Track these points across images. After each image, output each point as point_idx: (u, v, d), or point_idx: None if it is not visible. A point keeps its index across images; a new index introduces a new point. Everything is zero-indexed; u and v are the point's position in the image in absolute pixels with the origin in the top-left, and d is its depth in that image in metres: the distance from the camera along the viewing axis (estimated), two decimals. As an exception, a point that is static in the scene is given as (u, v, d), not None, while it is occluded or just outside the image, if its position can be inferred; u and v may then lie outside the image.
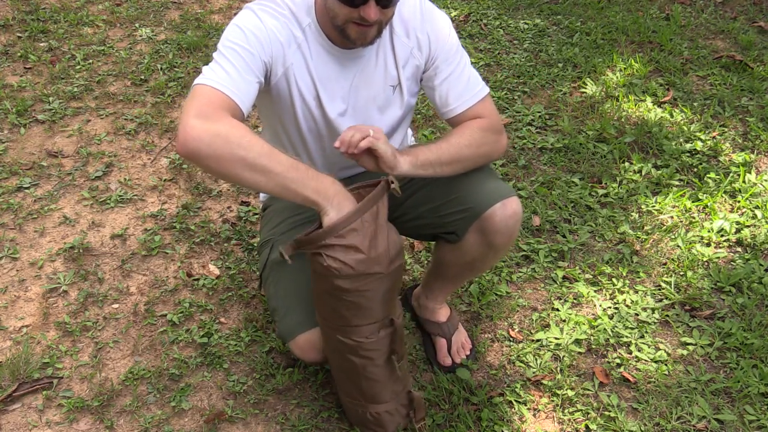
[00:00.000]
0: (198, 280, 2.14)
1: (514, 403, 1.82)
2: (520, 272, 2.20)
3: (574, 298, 2.12)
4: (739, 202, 2.46)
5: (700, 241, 2.31)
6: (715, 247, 2.30)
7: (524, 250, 2.27)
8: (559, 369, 1.91)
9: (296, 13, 1.50)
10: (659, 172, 2.59)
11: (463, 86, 1.60)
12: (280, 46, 1.47)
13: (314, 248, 1.36)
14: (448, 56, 1.59)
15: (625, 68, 3.19)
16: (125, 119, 2.80)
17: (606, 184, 2.55)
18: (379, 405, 1.62)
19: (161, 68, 3.10)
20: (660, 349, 1.97)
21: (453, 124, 1.63)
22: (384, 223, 1.40)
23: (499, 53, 3.34)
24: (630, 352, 1.96)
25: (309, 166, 1.35)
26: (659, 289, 2.15)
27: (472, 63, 1.72)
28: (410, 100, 1.67)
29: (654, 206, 2.44)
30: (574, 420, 1.78)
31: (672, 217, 2.40)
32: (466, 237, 1.61)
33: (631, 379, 1.88)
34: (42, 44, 3.24)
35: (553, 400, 1.83)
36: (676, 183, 2.55)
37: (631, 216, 2.41)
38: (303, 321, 1.59)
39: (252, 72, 1.42)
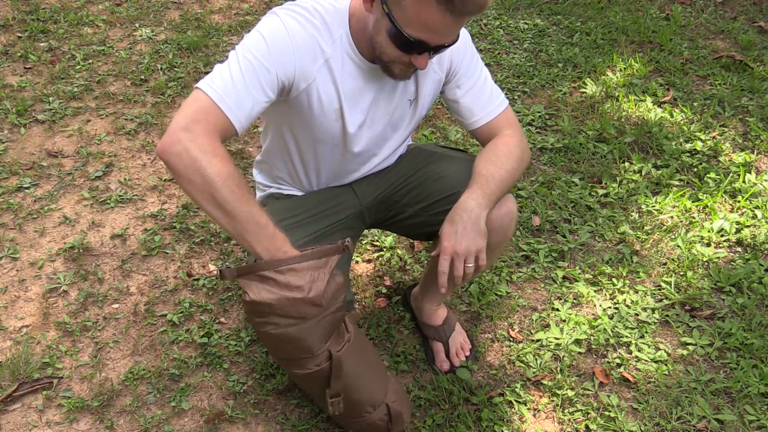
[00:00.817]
0: (198, 280, 2.14)
1: (514, 403, 1.82)
2: (520, 272, 2.20)
3: (574, 298, 2.12)
4: (739, 202, 2.46)
5: (700, 241, 2.31)
6: (715, 247, 2.30)
7: (524, 250, 2.27)
8: (559, 369, 1.91)
9: (329, 24, 1.44)
10: (659, 172, 2.59)
11: (487, 97, 1.61)
12: (304, 63, 1.41)
13: (251, 277, 1.33)
14: (469, 69, 1.59)
15: (625, 68, 3.19)
16: (125, 119, 2.80)
17: (606, 184, 2.55)
18: (357, 419, 1.61)
19: (161, 68, 3.10)
20: (660, 349, 1.97)
21: (478, 134, 1.64)
22: (328, 271, 1.37)
23: (499, 53, 3.34)
24: (630, 352, 1.96)
25: (270, 222, 1.33)
26: (659, 289, 2.15)
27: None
28: (423, 113, 1.66)
29: (654, 206, 2.44)
30: (574, 420, 1.78)
31: (672, 217, 2.40)
32: None
33: (631, 379, 1.88)
34: (42, 44, 3.24)
35: (553, 400, 1.83)
36: (676, 183, 2.55)
37: (631, 216, 2.41)
38: None
39: (262, 90, 1.36)
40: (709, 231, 2.34)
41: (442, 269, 1.45)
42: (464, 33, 1.59)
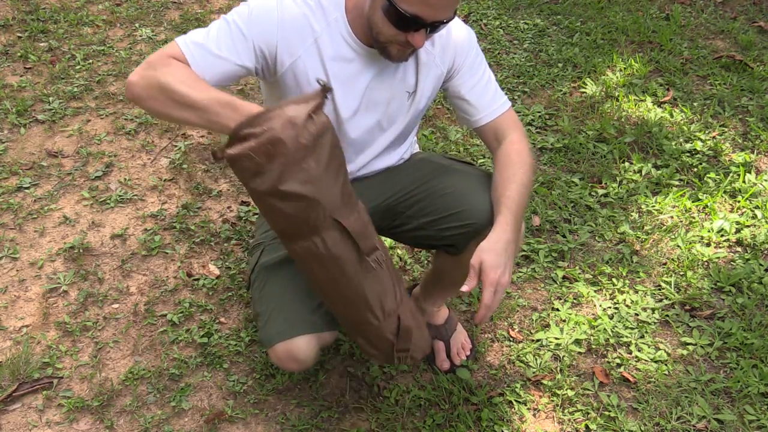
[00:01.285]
0: (198, 280, 2.14)
1: (514, 403, 1.82)
2: (520, 272, 2.20)
3: (574, 298, 2.12)
4: (739, 202, 2.46)
5: (700, 241, 2.31)
6: (715, 247, 2.30)
7: (524, 250, 2.27)
8: (559, 369, 1.91)
9: (324, 5, 1.45)
10: (659, 172, 2.59)
11: (491, 96, 1.61)
12: (290, 37, 1.42)
13: (234, 144, 1.26)
14: (473, 67, 1.59)
15: (625, 68, 3.19)
16: (125, 119, 2.80)
17: (606, 184, 2.55)
18: (362, 326, 1.46)
19: (161, 68, 3.09)
20: (660, 349, 1.97)
21: (482, 132, 1.63)
22: (306, 109, 1.27)
23: (499, 53, 3.34)
24: (630, 352, 1.96)
25: (237, 98, 1.30)
26: (659, 289, 2.15)
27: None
28: (420, 108, 1.64)
29: (654, 206, 2.44)
30: (574, 420, 1.78)
31: (672, 217, 2.40)
32: (466, 251, 1.59)
33: (631, 379, 1.88)
34: (42, 44, 3.24)
35: (553, 400, 1.83)
36: (676, 183, 2.55)
37: (631, 216, 2.41)
38: (283, 330, 1.53)
39: (236, 53, 1.37)
40: (709, 231, 2.34)
41: (489, 303, 1.42)
42: (469, 32, 1.59)
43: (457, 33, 1.57)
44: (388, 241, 2.28)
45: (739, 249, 2.30)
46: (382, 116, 1.60)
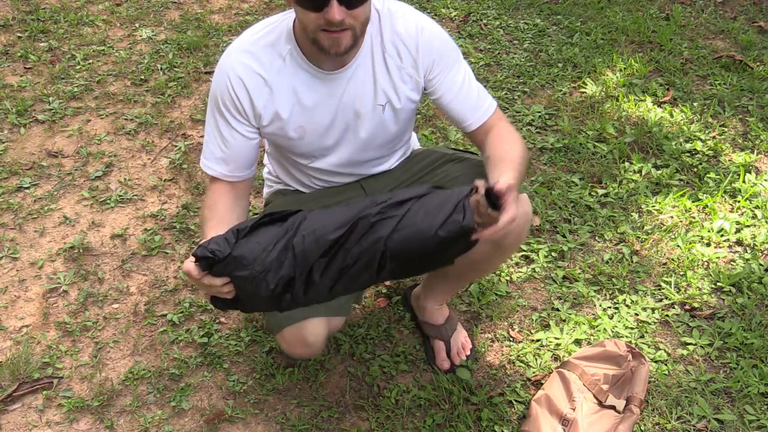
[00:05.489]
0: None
1: (514, 403, 1.82)
2: (520, 272, 2.20)
3: (574, 298, 2.12)
4: (739, 202, 2.46)
5: (700, 241, 2.31)
6: (715, 247, 2.30)
7: (524, 250, 2.27)
8: (559, 369, 1.91)
9: (274, 43, 1.48)
10: (659, 172, 2.59)
11: (474, 100, 1.60)
12: (247, 105, 1.50)
13: None
14: (450, 70, 1.57)
15: (625, 68, 3.19)
16: (125, 119, 2.80)
17: (606, 184, 2.55)
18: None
19: (161, 68, 3.10)
20: (660, 349, 1.97)
21: (473, 136, 1.63)
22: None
23: (499, 53, 3.34)
24: (630, 352, 1.96)
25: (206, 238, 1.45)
26: (659, 289, 2.15)
27: (471, 63, 1.70)
28: (405, 114, 1.63)
29: (654, 206, 2.44)
30: (574, 420, 1.78)
31: (672, 217, 2.40)
32: None
33: (631, 379, 1.88)
34: (42, 44, 3.24)
35: (553, 400, 1.83)
36: (676, 183, 2.55)
37: (631, 216, 2.41)
38: (291, 314, 1.52)
39: (234, 133, 1.52)
40: (709, 231, 2.34)
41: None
42: (442, 35, 1.57)
43: (427, 36, 1.54)
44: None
45: (739, 249, 2.30)
46: (357, 133, 1.60)
